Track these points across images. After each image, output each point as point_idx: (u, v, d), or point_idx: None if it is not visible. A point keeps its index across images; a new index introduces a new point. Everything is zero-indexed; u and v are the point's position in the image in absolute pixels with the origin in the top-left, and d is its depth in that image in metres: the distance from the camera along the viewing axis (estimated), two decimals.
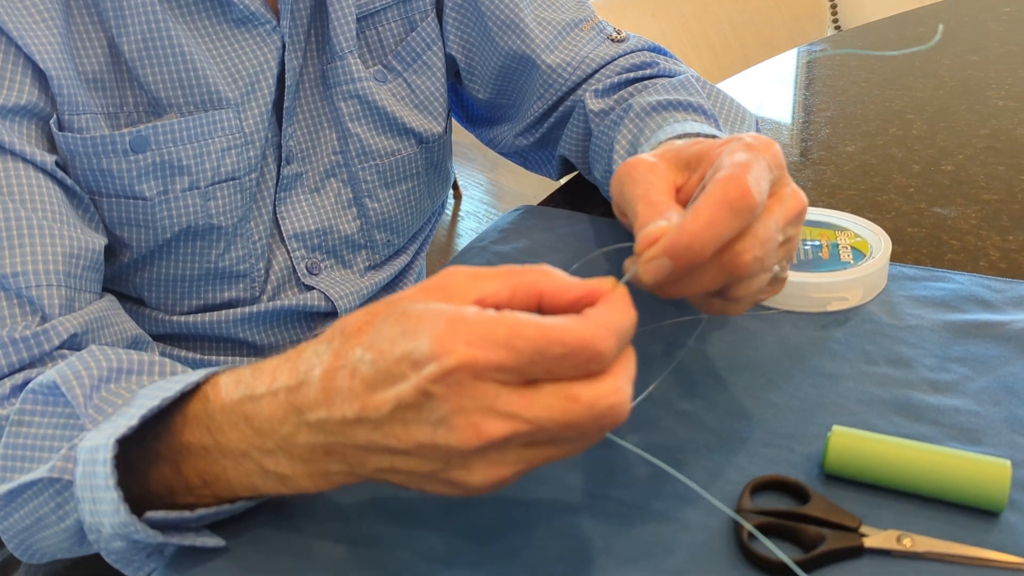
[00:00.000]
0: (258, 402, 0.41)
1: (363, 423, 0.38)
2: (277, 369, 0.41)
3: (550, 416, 0.36)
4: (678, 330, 0.58)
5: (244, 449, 0.42)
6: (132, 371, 0.51)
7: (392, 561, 0.44)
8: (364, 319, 0.39)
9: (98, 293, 0.61)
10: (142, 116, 0.63)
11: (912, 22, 1.23)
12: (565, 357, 0.36)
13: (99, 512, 0.43)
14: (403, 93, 0.75)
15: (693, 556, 0.43)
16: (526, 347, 0.35)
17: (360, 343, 0.38)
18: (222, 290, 0.70)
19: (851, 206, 0.73)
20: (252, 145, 0.67)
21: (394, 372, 0.36)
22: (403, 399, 0.36)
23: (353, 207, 0.75)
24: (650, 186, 0.47)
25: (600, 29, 0.77)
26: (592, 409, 0.36)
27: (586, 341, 0.36)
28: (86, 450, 0.44)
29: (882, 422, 0.50)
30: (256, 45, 0.66)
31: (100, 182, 0.62)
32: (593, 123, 0.73)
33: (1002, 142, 0.86)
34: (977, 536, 0.43)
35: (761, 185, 0.43)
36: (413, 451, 0.37)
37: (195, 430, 0.43)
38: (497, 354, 0.35)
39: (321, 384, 0.38)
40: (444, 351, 0.35)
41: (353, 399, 0.37)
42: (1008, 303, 0.60)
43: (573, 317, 0.37)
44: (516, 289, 0.39)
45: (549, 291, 0.39)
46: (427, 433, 0.36)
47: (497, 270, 0.39)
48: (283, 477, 0.41)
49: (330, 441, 0.39)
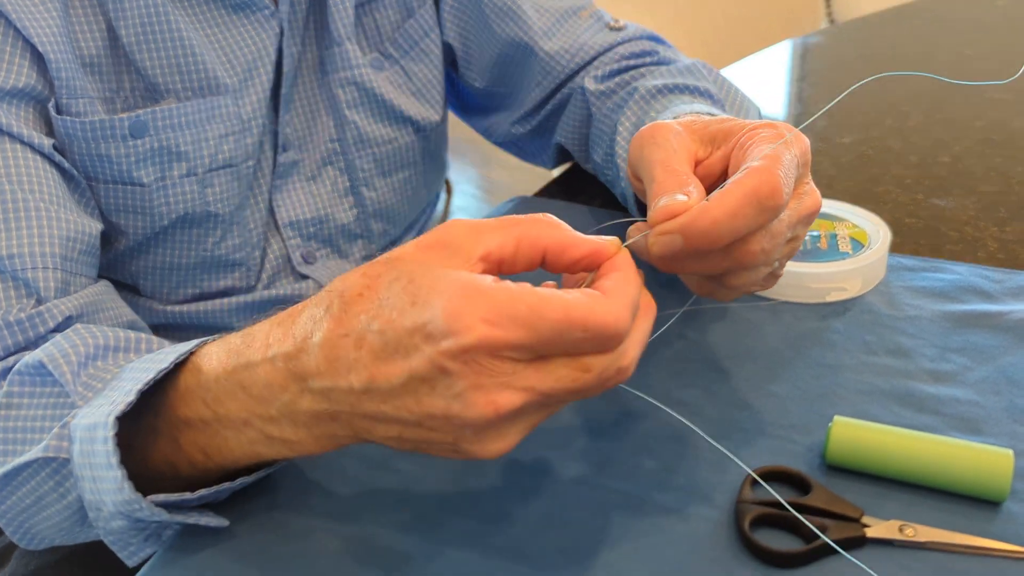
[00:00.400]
0: (254, 370, 0.40)
1: (372, 394, 0.37)
2: (270, 335, 0.40)
3: (563, 386, 0.36)
4: (669, 317, 0.58)
5: (245, 418, 0.41)
6: (119, 348, 0.51)
7: (388, 551, 0.44)
8: (364, 282, 0.37)
9: (93, 278, 0.61)
10: (139, 101, 0.62)
11: (907, 16, 1.23)
12: (585, 339, 0.35)
13: (100, 491, 0.43)
14: (400, 80, 0.75)
15: (694, 547, 0.43)
16: (546, 328, 0.34)
17: (364, 310, 0.36)
18: (217, 279, 0.69)
19: (849, 197, 0.73)
20: (250, 132, 0.66)
21: (405, 344, 0.35)
22: (416, 372, 0.35)
23: (350, 196, 0.75)
24: (672, 152, 0.46)
25: (598, 17, 0.77)
26: (601, 376, 0.36)
27: (608, 325, 0.35)
28: (82, 428, 0.44)
29: (883, 412, 0.50)
30: (254, 31, 0.66)
31: (98, 167, 0.62)
32: (594, 106, 0.73)
33: (998, 134, 0.86)
34: (979, 526, 0.43)
35: (789, 183, 0.43)
36: (424, 422, 0.37)
37: (191, 404, 0.43)
38: (516, 333, 0.34)
39: (323, 352, 0.37)
40: (463, 327, 0.34)
41: (361, 369, 0.36)
42: (1006, 293, 0.60)
43: (593, 296, 0.36)
44: (520, 242, 0.38)
45: (554, 246, 0.38)
46: (440, 407, 0.36)
47: (499, 221, 0.38)
48: (288, 442, 0.41)
49: (335, 409, 0.38)
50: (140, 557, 0.46)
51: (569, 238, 0.38)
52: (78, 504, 0.48)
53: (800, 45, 1.15)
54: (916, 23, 1.20)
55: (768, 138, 0.44)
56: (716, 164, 0.47)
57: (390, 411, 0.37)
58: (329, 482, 0.48)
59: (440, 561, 0.43)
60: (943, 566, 0.41)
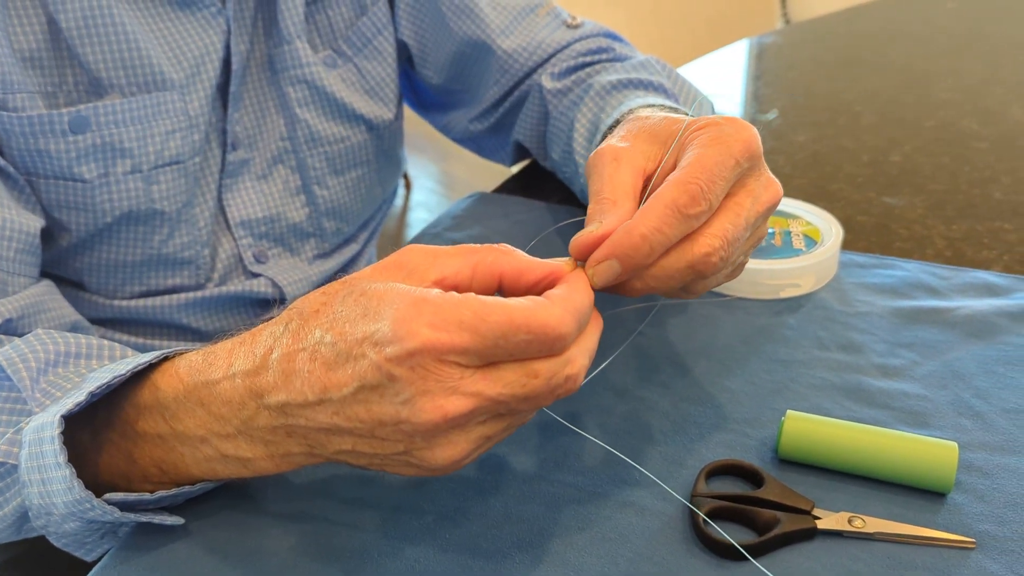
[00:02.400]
0: (214, 387, 0.40)
1: (324, 404, 0.37)
2: (233, 353, 0.40)
3: (511, 392, 0.36)
4: (632, 314, 0.59)
5: (202, 435, 0.41)
6: (80, 354, 0.50)
7: (344, 549, 0.43)
8: (321, 300, 0.38)
9: (34, 277, 0.59)
10: (82, 96, 0.61)
11: (860, 16, 1.25)
12: (529, 342, 0.36)
13: (50, 493, 0.42)
14: (353, 78, 0.74)
15: (649, 541, 0.43)
16: (490, 332, 0.35)
17: (319, 324, 0.37)
18: (165, 277, 0.68)
19: (802, 195, 0.74)
20: (197, 128, 0.65)
21: (355, 353, 0.36)
22: (365, 380, 0.36)
23: (301, 194, 0.74)
24: (604, 182, 0.46)
25: (556, 15, 0.77)
26: (550, 382, 0.37)
27: (550, 327, 0.36)
28: (32, 430, 0.43)
29: (834, 406, 0.51)
30: (201, 28, 0.64)
31: (37, 163, 0.60)
32: (551, 104, 0.73)
33: (947, 133, 0.88)
34: (925, 516, 0.44)
35: (716, 188, 0.42)
36: (376, 432, 0.37)
37: (148, 419, 0.42)
38: (461, 337, 0.35)
39: (280, 367, 0.38)
40: (407, 333, 0.35)
41: (314, 380, 0.37)
42: (953, 290, 0.61)
43: (536, 301, 0.37)
44: (476, 268, 0.39)
45: (510, 272, 0.39)
46: (390, 413, 0.36)
47: (457, 249, 0.39)
48: (244, 460, 0.41)
49: (291, 423, 0.38)
50: (98, 553, 0.46)
51: (525, 263, 0.39)
52: (16, 515, 0.47)
53: (756, 45, 1.16)
54: (869, 23, 1.22)
55: (703, 142, 0.44)
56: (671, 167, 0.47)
57: (342, 422, 0.37)
58: (285, 479, 0.47)
59: (397, 558, 0.43)
60: (891, 556, 0.42)
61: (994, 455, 0.47)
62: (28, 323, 0.56)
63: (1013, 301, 0.59)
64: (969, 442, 0.48)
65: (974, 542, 0.42)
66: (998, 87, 0.99)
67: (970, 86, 0.99)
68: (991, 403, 0.51)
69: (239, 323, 0.73)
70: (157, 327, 0.70)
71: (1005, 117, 0.91)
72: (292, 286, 0.73)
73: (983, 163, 0.81)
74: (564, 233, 0.68)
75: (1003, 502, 0.45)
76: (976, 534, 0.43)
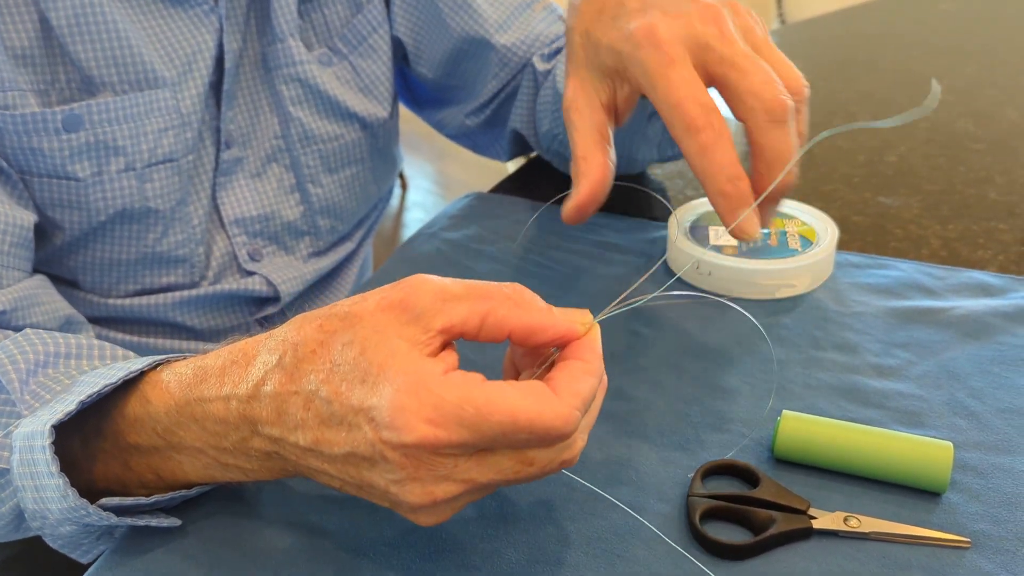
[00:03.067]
0: (207, 405, 0.39)
1: (316, 453, 0.37)
2: (225, 373, 0.39)
3: (503, 478, 0.36)
4: (627, 313, 0.58)
5: (200, 447, 0.41)
6: (71, 355, 0.49)
7: (339, 551, 0.43)
8: (318, 338, 0.36)
9: (27, 272, 0.59)
10: (75, 94, 0.61)
11: (855, 17, 1.25)
12: (529, 440, 0.35)
13: (44, 499, 0.42)
14: (348, 76, 0.74)
15: (644, 541, 0.43)
16: (491, 431, 0.34)
17: (314, 370, 0.36)
18: (160, 275, 0.68)
19: (798, 195, 0.74)
20: (189, 126, 0.65)
21: (350, 420, 0.35)
22: (357, 451, 0.35)
23: (296, 192, 0.74)
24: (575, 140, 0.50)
25: (552, 9, 0.77)
26: (544, 469, 0.36)
27: (555, 429, 0.34)
28: (22, 436, 0.42)
29: (830, 406, 0.51)
30: (193, 26, 0.64)
31: (31, 160, 0.60)
32: (541, 84, 0.73)
33: (942, 135, 0.88)
34: (920, 516, 0.44)
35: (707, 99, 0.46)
36: (363, 488, 0.37)
37: (140, 432, 0.42)
38: (460, 435, 0.34)
39: (272, 404, 0.37)
40: (405, 425, 0.33)
41: (307, 430, 0.36)
42: (949, 290, 0.61)
43: (541, 398, 0.34)
44: (486, 319, 0.36)
45: (520, 329, 0.37)
46: (379, 484, 0.36)
47: (468, 291, 0.36)
48: (243, 469, 0.41)
49: (283, 454, 0.38)
50: (94, 555, 0.46)
51: (537, 323, 0.37)
52: (12, 514, 0.46)
53: None
54: (865, 24, 1.23)
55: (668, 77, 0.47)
56: (627, 99, 0.50)
57: (333, 471, 0.37)
58: (280, 482, 0.47)
59: (391, 560, 0.42)
60: (886, 556, 0.42)
61: (989, 455, 0.47)
62: (21, 316, 0.56)
63: (1008, 301, 0.59)
64: (964, 442, 0.48)
65: (969, 542, 0.42)
66: (993, 88, 0.99)
67: (965, 87, 0.99)
68: (986, 403, 0.51)
69: (234, 320, 0.73)
70: (152, 325, 0.70)
71: (1000, 118, 0.91)
72: (287, 284, 0.73)
73: (978, 164, 0.81)
74: (553, 223, 0.67)
75: (998, 502, 0.45)
76: (971, 534, 0.43)
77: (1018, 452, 0.48)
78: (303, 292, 0.76)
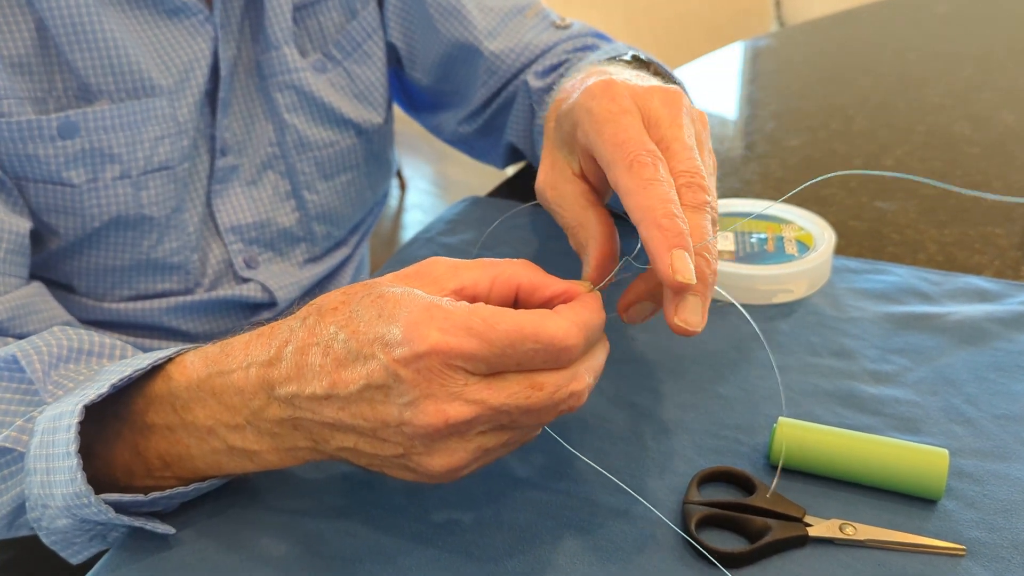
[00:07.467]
0: (228, 377, 0.41)
1: (331, 400, 0.38)
2: (250, 344, 0.41)
3: (514, 402, 0.37)
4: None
5: (211, 426, 0.42)
6: (92, 352, 0.50)
7: (336, 559, 0.43)
8: (341, 299, 0.39)
9: (24, 278, 0.59)
10: (71, 101, 0.61)
11: (853, 21, 1.25)
12: (535, 352, 0.37)
13: (52, 483, 0.42)
14: (343, 83, 0.74)
15: (641, 548, 0.43)
16: (499, 339, 0.36)
17: (335, 321, 0.38)
18: (155, 281, 0.68)
19: (795, 200, 0.74)
20: (185, 134, 0.65)
21: (366, 352, 0.37)
22: (372, 379, 0.36)
23: (291, 199, 0.74)
24: (566, 220, 0.47)
25: (544, 16, 0.77)
26: (553, 396, 0.37)
27: (557, 338, 0.37)
28: (47, 419, 0.43)
29: (826, 413, 0.51)
30: (189, 35, 0.64)
31: (26, 167, 0.60)
32: (536, 102, 0.73)
33: (939, 138, 0.88)
34: (916, 523, 0.44)
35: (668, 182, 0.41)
36: (378, 432, 0.38)
37: (159, 410, 0.43)
38: (470, 343, 0.36)
39: (294, 359, 0.39)
40: (417, 336, 0.36)
41: (323, 376, 0.38)
42: (945, 295, 0.61)
43: (545, 313, 0.38)
44: (495, 280, 0.40)
45: (526, 285, 0.40)
46: (393, 414, 0.37)
47: (478, 262, 0.40)
48: (250, 453, 0.42)
49: (297, 416, 0.39)
50: (84, 556, 0.46)
51: (542, 279, 0.41)
52: (10, 506, 0.47)
53: (751, 48, 1.17)
54: (862, 28, 1.23)
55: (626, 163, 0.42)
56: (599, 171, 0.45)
57: (347, 419, 0.38)
58: (276, 489, 0.47)
59: (389, 565, 0.42)
60: (881, 563, 0.42)
61: (985, 462, 0.47)
62: (19, 324, 0.56)
63: (1004, 307, 0.59)
64: (960, 448, 0.48)
65: (964, 549, 0.42)
66: (989, 92, 0.99)
67: (962, 91, 0.99)
68: (982, 409, 0.51)
69: (230, 325, 0.73)
70: (147, 330, 0.70)
71: (996, 122, 0.91)
72: (283, 290, 0.73)
73: (975, 168, 0.81)
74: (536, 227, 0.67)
75: (994, 509, 0.45)
76: (966, 541, 0.43)
77: (1014, 459, 0.48)
78: (300, 297, 0.76)
